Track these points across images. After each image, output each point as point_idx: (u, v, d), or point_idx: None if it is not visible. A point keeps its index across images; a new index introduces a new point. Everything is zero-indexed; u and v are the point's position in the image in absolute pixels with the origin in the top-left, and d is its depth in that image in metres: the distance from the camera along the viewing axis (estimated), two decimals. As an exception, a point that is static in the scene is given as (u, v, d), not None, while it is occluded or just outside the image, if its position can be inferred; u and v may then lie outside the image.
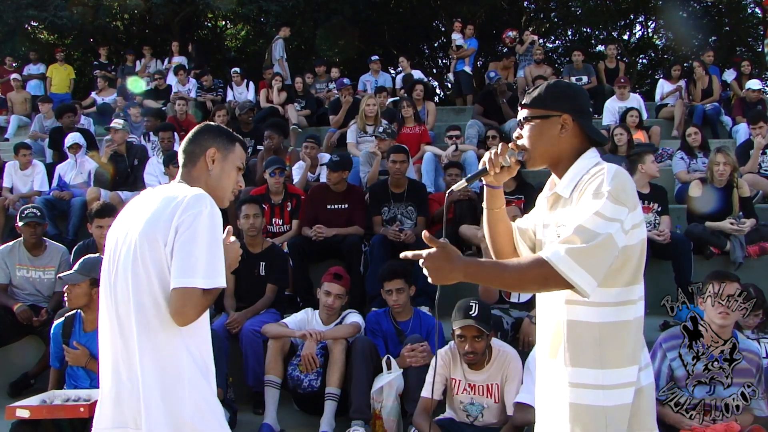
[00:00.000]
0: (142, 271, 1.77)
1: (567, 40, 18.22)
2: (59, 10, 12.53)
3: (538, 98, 1.80)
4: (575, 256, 1.55)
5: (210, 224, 1.77)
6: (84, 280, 3.58)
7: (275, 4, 12.87)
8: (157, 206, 1.80)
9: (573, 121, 1.78)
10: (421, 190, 5.40)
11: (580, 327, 1.68)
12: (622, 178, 1.64)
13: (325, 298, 4.03)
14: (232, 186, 2.01)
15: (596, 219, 1.58)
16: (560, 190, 1.77)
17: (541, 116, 1.79)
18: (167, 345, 1.77)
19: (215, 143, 1.98)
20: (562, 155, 1.80)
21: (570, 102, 1.79)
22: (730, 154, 5.05)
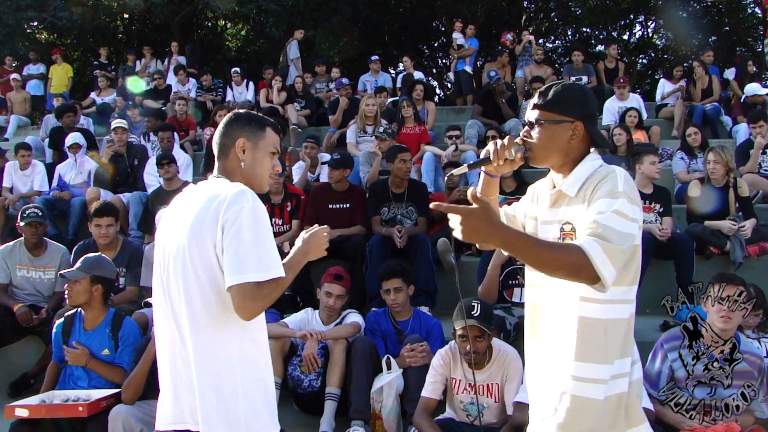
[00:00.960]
0: (191, 273, 1.80)
1: (567, 40, 18.23)
2: (59, 11, 12.54)
3: (552, 102, 1.80)
4: (609, 252, 1.58)
5: (253, 217, 1.76)
6: (85, 276, 3.59)
7: (275, 3, 12.87)
8: (201, 206, 1.81)
9: (584, 128, 1.80)
10: (422, 189, 5.39)
11: (591, 323, 1.72)
12: (631, 181, 1.71)
13: (326, 299, 4.03)
14: (267, 172, 1.99)
15: (620, 219, 1.62)
16: (565, 188, 1.80)
17: (553, 121, 1.80)
18: (220, 344, 1.81)
19: (244, 132, 1.95)
20: (568, 158, 1.82)
21: (583, 108, 1.81)
22: (722, 154, 5.05)
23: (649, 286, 4.60)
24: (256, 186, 1.96)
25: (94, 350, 3.67)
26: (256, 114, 2.04)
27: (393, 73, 12.73)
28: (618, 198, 1.64)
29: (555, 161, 1.84)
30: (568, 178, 1.81)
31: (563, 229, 1.78)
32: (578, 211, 1.74)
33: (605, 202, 1.65)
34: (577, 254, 1.58)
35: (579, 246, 1.59)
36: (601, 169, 1.77)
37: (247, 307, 1.74)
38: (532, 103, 1.85)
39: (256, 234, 1.75)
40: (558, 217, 1.81)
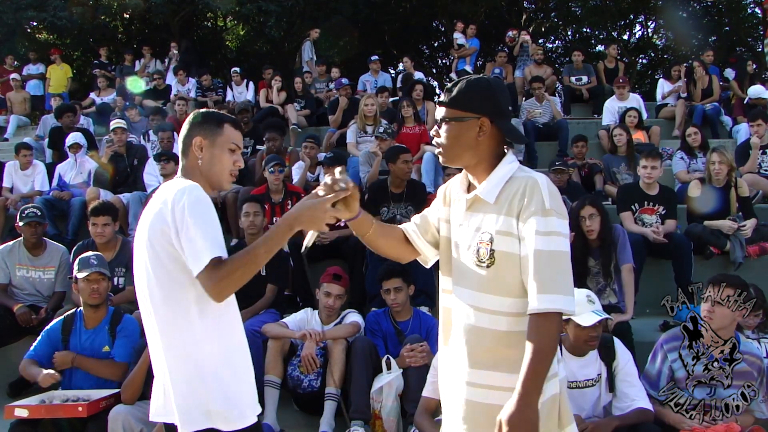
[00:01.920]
0: (153, 275, 1.85)
1: (567, 40, 18.23)
2: (59, 11, 12.53)
3: (456, 98, 1.76)
4: (560, 290, 1.62)
5: (194, 209, 1.78)
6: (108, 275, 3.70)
7: (275, 4, 12.87)
8: (155, 211, 1.85)
9: (491, 123, 1.75)
10: (421, 190, 5.39)
11: (511, 335, 1.72)
12: (554, 190, 1.71)
13: (325, 299, 4.03)
14: (227, 169, 1.98)
15: (556, 239, 1.64)
16: (483, 194, 1.76)
17: (458, 118, 1.76)
18: (188, 341, 1.84)
19: (200, 131, 1.96)
20: (480, 157, 1.78)
21: (488, 103, 1.76)
22: (725, 154, 5.05)
23: (648, 287, 4.61)
24: (215, 183, 1.99)
25: (95, 348, 3.68)
26: (216, 112, 2.05)
27: (393, 73, 12.72)
28: (549, 217, 1.65)
29: (467, 161, 1.80)
30: (485, 183, 1.77)
31: (481, 239, 1.74)
32: (497, 219, 1.72)
33: (536, 222, 1.65)
34: (549, 324, 1.61)
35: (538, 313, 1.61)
36: (521, 175, 1.74)
37: (212, 290, 1.76)
38: (438, 99, 1.81)
39: (198, 222, 1.77)
40: (475, 222, 1.78)
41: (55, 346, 3.67)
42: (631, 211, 4.96)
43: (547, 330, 1.61)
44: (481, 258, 1.74)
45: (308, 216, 1.80)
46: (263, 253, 1.79)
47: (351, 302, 4.71)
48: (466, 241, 1.79)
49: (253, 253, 1.78)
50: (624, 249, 4.30)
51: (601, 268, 4.28)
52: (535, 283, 1.62)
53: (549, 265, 1.63)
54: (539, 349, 1.60)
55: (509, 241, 1.70)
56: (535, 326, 1.62)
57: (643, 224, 4.90)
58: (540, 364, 1.60)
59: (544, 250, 1.63)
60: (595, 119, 8.72)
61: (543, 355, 1.61)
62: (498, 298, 1.72)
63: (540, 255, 1.63)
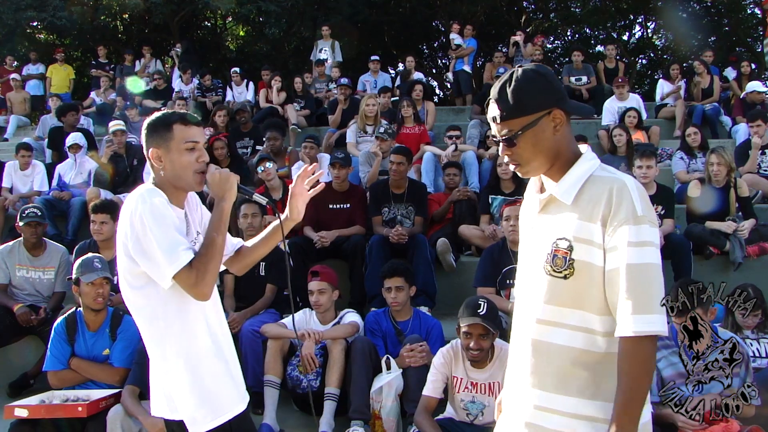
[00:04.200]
0: (122, 278, 1.90)
1: (567, 40, 18.23)
2: (58, 11, 12.53)
3: (514, 107, 1.54)
4: (656, 309, 1.48)
5: (149, 219, 1.79)
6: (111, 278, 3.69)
7: (275, 4, 12.87)
8: (122, 217, 1.87)
9: (563, 112, 1.57)
10: (421, 190, 5.39)
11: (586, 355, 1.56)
12: (645, 194, 1.53)
13: (310, 297, 4.05)
14: (190, 168, 1.92)
15: (649, 251, 1.48)
16: (559, 194, 1.57)
17: (530, 124, 1.54)
18: (153, 340, 1.91)
19: (152, 142, 1.93)
20: (558, 153, 1.59)
21: (550, 93, 1.56)
22: (724, 155, 5.05)
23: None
24: (186, 186, 1.96)
25: (96, 351, 3.68)
26: (162, 115, 1.97)
27: (393, 73, 12.72)
28: (642, 225, 1.47)
29: (549, 164, 1.60)
30: (563, 182, 1.58)
31: (557, 245, 1.55)
32: (576, 225, 1.53)
33: (628, 232, 1.47)
34: (643, 349, 1.46)
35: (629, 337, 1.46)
36: (604, 175, 1.55)
37: (193, 293, 1.83)
38: (492, 115, 1.60)
39: (156, 233, 1.78)
40: (548, 225, 1.60)
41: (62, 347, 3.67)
42: (630, 212, 4.94)
43: (644, 356, 1.46)
44: (557, 267, 1.55)
45: (217, 183, 1.93)
46: (218, 238, 1.88)
47: (351, 302, 4.72)
48: (538, 246, 1.61)
49: (212, 245, 1.86)
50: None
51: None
52: (630, 302, 1.45)
53: (643, 282, 1.46)
54: (636, 377, 1.46)
55: (590, 250, 1.51)
56: (630, 352, 1.46)
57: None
58: (636, 395, 1.46)
59: (637, 263, 1.46)
60: (594, 119, 8.72)
61: (639, 384, 1.46)
62: (577, 313, 1.54)
63: (633, 270, 1.46)
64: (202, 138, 1.98)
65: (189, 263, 1.80)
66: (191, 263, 1.81)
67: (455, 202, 5.29)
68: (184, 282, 1.81)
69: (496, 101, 1.58)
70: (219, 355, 1.97)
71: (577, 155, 1.61)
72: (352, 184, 5.50)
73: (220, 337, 1.99)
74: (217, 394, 1.94)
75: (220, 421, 1.92)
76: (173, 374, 1.89)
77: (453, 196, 5.34)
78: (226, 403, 1.96)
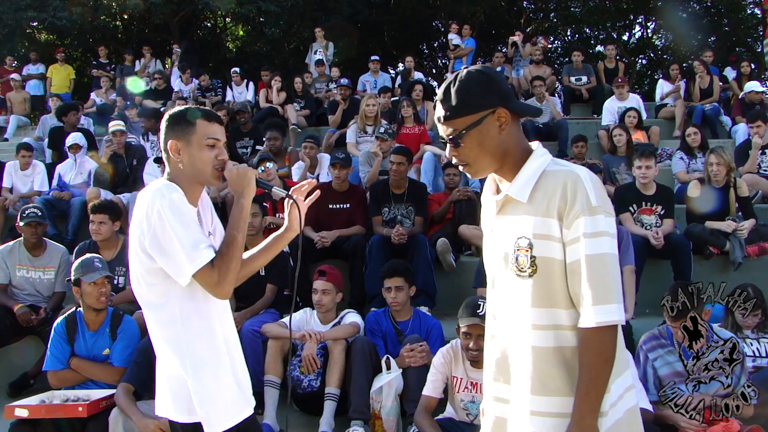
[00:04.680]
0: (135, 275, 1.88)
1: (567, 40, 18.23)
2: (58, 11, 12.53)
3: (457, 107, 1.55)
4: (615, 299, 1.48)
5: (168, 215, 1.76)
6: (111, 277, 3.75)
7: (275, 4, 12.87)
8: (137, 218, 1.84)
9: (508, 110, 1.57)
10: (422, 190, 5.39)
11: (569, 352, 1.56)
12: (599, 184, 1.54)
13: (313, 296, 4.05)
14: (209, 164, 1.90)
15: (605, 241, 1.49)
16: (514, 193, 1.57)
17: (472, 124, 1.55)
18: (167, 340, 1.88)
19: (173, 134, 1.91)
20: (507, 153, 1.59)
21: (494, 92, 1.56)
22: (723, 155, 5.04)
23: (648, 287, 4.61)
24: (204, 181, 1.95)
25: (97, 351, 3.68)
26: (186, 108, 1.96)
27: (393, 73, 12.73)
28: (597, 215, 1.48)
29: (497, 164, 1.61)
30: (516, 180, 1.58)
31: (518, 245, 1.56)
32: (534, 222, 1.54)
33: (584, 223, 1.48)
34: (602, 338, 1.48)
35: (589, 328, 1.48)
36: (557, 169, 1.55)
37: (214, 291, 1.81)
38: (437, 116, 1.61)
39: (177, 229, 1.76)
40: (508, 226, 1.60)
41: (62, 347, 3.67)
42: (629, 213, 4.95)
43: (604, 345, 1.48)
44: (521, 267, 1.55)
45: (237, 179, 1.90)
46: (239, 235, 1.85)
47: (351, 302, 4.72)
48: (501, 248, 1.62)
49: (233, 243, 1.83)
50: (627, 250, 4.31)
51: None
52: (590, 293, 1.47)
53: (600, 272, 1.48)
54: (596, 367, 1.48)
55: (549, 245, 1.52)
56: (590, 342, 1.48)
57: (642, 225, 4.90)
58: (597, 385, 1.48)
59: (594, 254, 1.48)
60: (594, 119, 8.73)
61: (599, 374, 1.48)
62: (547, 312, 1.54)
63: (590, 261, 1.48)
64: (223, 136, 1.96)
65: (210, 262, 1.77)
66: (212, 262, 1.78)
67: (455, 202, 5.29)
68: (205, 281, 1.78)
69: (441, 102, 1.59)
70: (231, 357, 1.95)
71: (528, 153, 1.61)
72: (352, 184, 5.50)
73: (231, 339, 1.98)
74: (231, 395, 1.91)
75: (234, 422, 1.89)
76: (189, 375, 1.84)
77: (453, 196, 5.34)
78: (238, 405, 1.93)
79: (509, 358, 1.62)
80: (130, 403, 3.31)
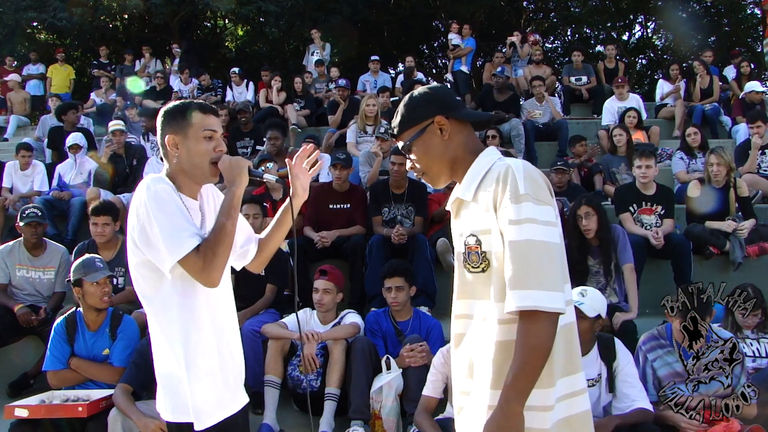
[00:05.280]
0: (131, 268, 1.88)
1: (566, 40, 18.24)
2: (59, 12, 12.53)
3: (403, 120, 1.70)
4: (536, 285, 1.45)
5: (152, 206, 1.77)
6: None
7: (274, 4, 12.87)
8: (131, 208, 1.85)
9: (447, 118, 1.66)
10: (422, 190, 5.39)
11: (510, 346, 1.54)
12: (533, 175, 1.54)
13: (314, 295, 4.05)
14: (207, 157, 1.90)
15: (529, 227, 1.48)
16: (461, 194, 1.65)
17: (415, 135, 1.67)
18: (161, 331, 1.88)
19: (169, 128, 1.90)
20: (456, 158, 1.68)
21: (432, 103, 1.67)
22: (723, 155, 5.04)
23: (648, 287, 4.61)
24: (201, 176, 1.93)
25: (96, 351, 3.68)
26: (181, 102, 1.96)
27: (393, 73, 12.73)
28: (522, 203, 1.49)
29: (449, 170, 1.69)
30: (463, 181, 1.65)
31: (467, 243, 1.60)
32: (478, 218, 1.58)
33: (509, 211, 1.50)
34: (531, 323, 1.45)
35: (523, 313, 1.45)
36: (498, 164, 1.59)
37: (200, 278, 1.79)
38: (391, 134, 1.77)
39: (160, 220, 1.76)
40: (461, 228, 1.66)
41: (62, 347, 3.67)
42: (629, 213, 4.95)
43: (531, 332, 1.45)
44: (474, 264, 1.59)
45: (228, 169, 1.88)
46: (228, 222, 1.83)
47: (351, 302, 4.72)
48: (458, 249, 1.67)
49: (221, 230, 1.81)
50: (624, 249, 4.30)
51: (601, 267, 4.29)
52: (511, 277, 1.47)
53: (523, 258, 1.47)
54: (522, 353, 1.45)
55: (491, 239, 1.55)
56: (519, 328, 1.47)
57: (642, 225, 4.90)
58: (524, 372, 1.45)
59: (517, 240, 1.48)
60: (594, 119, 8.72)
61: (526, 360, 1.45)
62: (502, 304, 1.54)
63: (513, 246, 1.48)
64: (220, 128, 1.95)
65: (196, 248, 1.76)
66: (198, 248, 1.77)
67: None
68: (191, 268, 1.77)
69: (393, 122, 1.74)
70: (221, 352, 1.93)
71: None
72: (352, 184, 5.50)
73: (227, 334, 1.97)
74: (218, 390, 1.90)
75: (216, 419, 1.87)
76: (179, 367, 1.84)
77: (453, 196, 5.34)
78: (224, 401, 1.92)
79: (474, 353, 1.63)
80: (128, 403, 3.30)
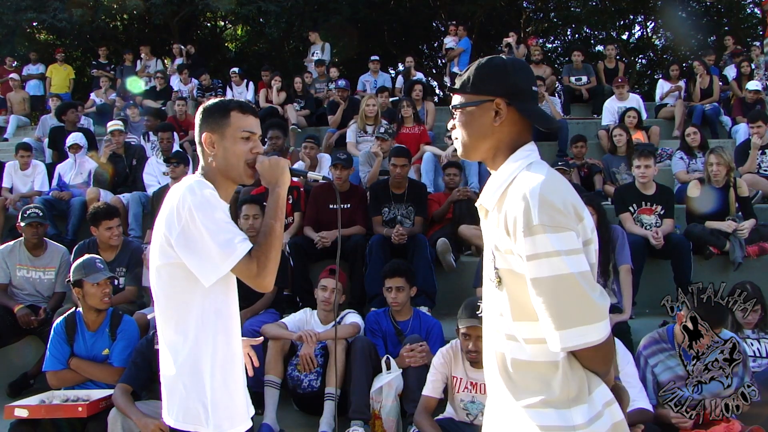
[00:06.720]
0: (155, 269, 1.82)
1: (566, 40, 18.23)
2: (59, 12, 12.53)
3: (465, 83, 1.54)
4: (574, 322, 1.35)
5: (192, 214, 1.71)
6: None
7: (275, 4, 12.88)
8: (166, 214, 1.78)
9: (507, 105, 1.51)
10: (422, 190, 5.39)
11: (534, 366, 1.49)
12: (549, 198, 1.37)
13: (321, 293, 4.06)
14: (243, 158, 1.86)
15: (548, 262, 1.35)
16: (483, 200, 1.53)
17: (471, 102, 1.53)
18: (170, 343, 1.82)
19: (207, 126, 1.87)
20: (498, 148, 1.54)
21: (503, 83, 1.51)
22: (723, 155, 5.04)
23: (648, 287, 4.61)
24: (236, 177, 1.89)
25: (96, 351, 3.68)
26: (221, 101, 1.92)
27: (392, 73, 12.73)
28: (536, 236, 1.35)
29: (484, 153, 1.55)
30: (487, 186, 1.53)
31: (492, 254, 1.50)
32: (496, 232, 1.46)
33: (523, 246, 1.37)
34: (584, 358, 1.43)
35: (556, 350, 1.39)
36: (523, 178, 1.44)
37: (255, 283, 1.76)
38: (449, 87, 1.61)
39: (209, 225, 1.71)
40: (485, 235, 1.56)
41: (62, 347, 3.67)
42: (629, 213, 4.95)
43: (591, 360, 1.43)
44: (490, 277, 1.51)
45: (270, 170, 1.87)
46: (276, 224, 1.82)
47: (351, 302, 4.73)
48: (486, 256, 1.55)
49: (271, 232, 1.79)
50: (623, 250, 4.30)
51: (599, 267, 4.28)
52: (546, 320, 1.37)
53: (551, 297, 1.36)
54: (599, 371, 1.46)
55: (506, 258, 1.44)
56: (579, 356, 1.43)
57: (642, 225, 4.90)
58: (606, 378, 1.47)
59: (539, 278, 1.36)
60: (594, 119, 8.73)
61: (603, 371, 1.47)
62: (523, 324, 1.45)
63: (537, 284, 1.37)
64: (258, 129, 1.92)
65: (248, 253, 1.73)
66: (250, 253, 1.73)
67: (455, 202, 5.29)
68: (244, 274, 1.73)
69: (460, 74, 1.60)
70: (240, 363, 1.91)
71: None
72: (352, 184, 5.50)
73: (239, 341, 1.94)
74: (239, 402, 1.88)
75: (242, 429, 1.86)
76: (203, 375, 1.78)
77: (453, 196, 5.34)
78: (244, 412, 1.90)
79: (493, 363, 1.57)
80: (128, 403, 3.30)
